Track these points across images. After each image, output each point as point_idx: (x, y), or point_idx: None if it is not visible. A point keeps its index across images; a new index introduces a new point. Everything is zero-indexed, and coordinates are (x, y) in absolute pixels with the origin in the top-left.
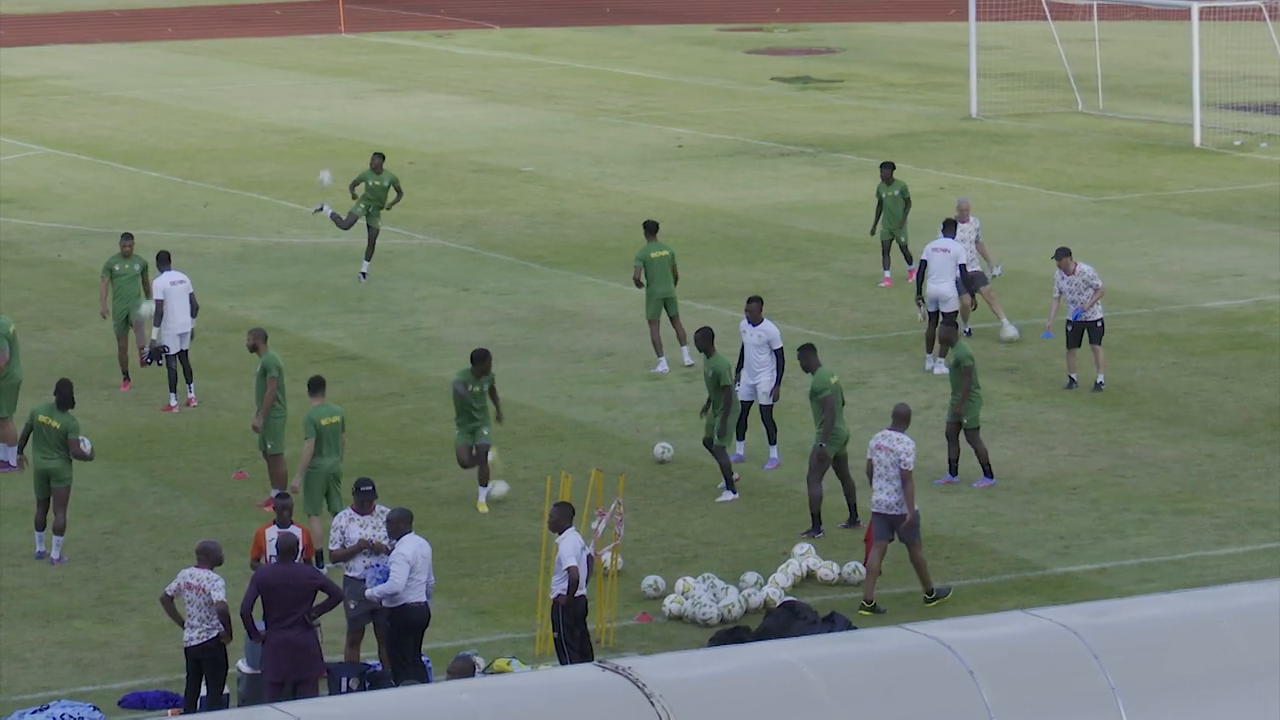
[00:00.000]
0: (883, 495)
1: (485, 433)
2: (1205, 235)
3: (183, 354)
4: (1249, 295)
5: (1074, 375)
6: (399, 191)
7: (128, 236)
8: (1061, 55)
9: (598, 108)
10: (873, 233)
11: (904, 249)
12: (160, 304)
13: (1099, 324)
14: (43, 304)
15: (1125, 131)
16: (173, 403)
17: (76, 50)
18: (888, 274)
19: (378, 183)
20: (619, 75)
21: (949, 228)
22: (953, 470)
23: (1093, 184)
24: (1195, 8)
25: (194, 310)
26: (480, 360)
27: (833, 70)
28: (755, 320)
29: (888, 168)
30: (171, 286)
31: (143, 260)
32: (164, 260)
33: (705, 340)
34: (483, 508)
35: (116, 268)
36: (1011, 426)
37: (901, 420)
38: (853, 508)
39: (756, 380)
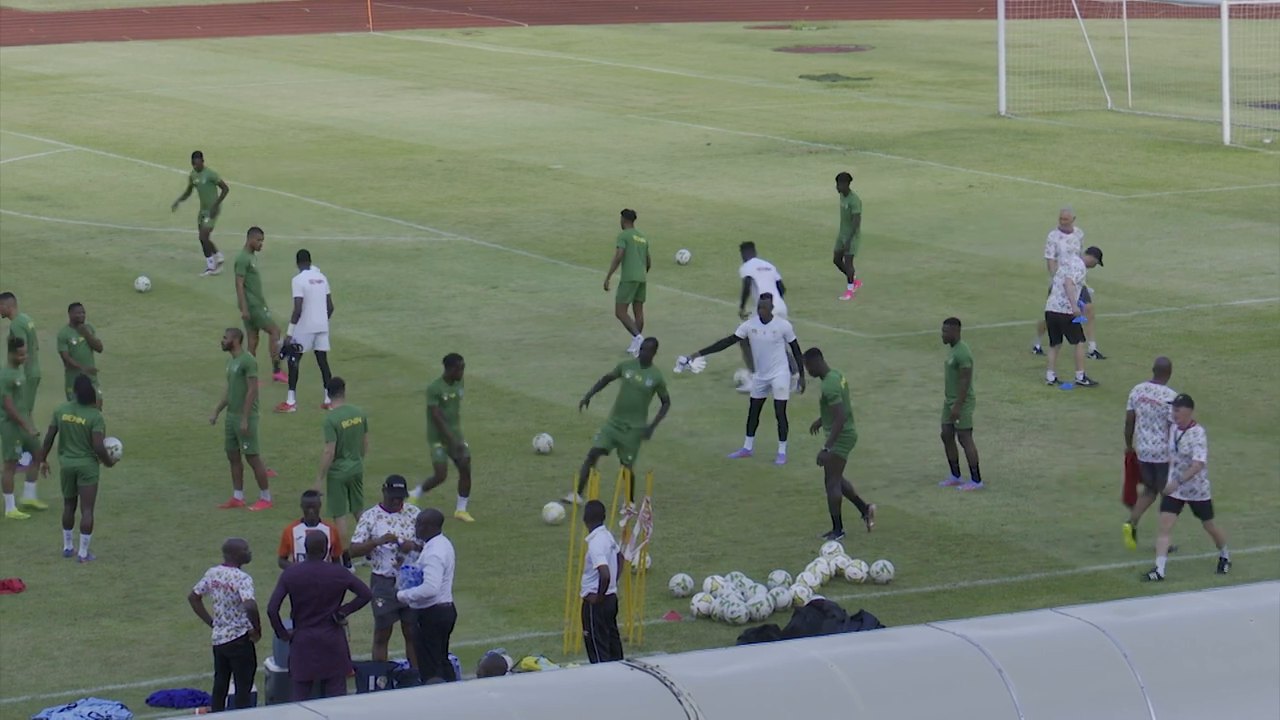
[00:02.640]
0: (1148, 445)
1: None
2: (1234, 233)
3: (321, 354)
4: (1279, 293)
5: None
6: (223, 188)
7: (256, 230)
8: (1091, 53)
9: (626, 106)
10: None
11: (848, 261)
12: (299, 301)
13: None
14: (71, 301)
15: (1154, 129)
16: (290, 401)
17: (106, 48)
18: (850, 286)
19: (199, 180)
20: (647, 73)
21: (749, 249)
22: (955, 471)
23: (1122, 182)
24: (1225, 5)
25: (329, 310)
26: (452, 364)
27: (861, 68)
28: (767, 318)
29: (844, 179)
30: (311, 285)
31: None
32: (304, 259)
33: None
34: (466, 517)
35: (253, 266)
36: (1041, 425)
37: (1163, 373)
38: (860, 504)
39: (771, 376)
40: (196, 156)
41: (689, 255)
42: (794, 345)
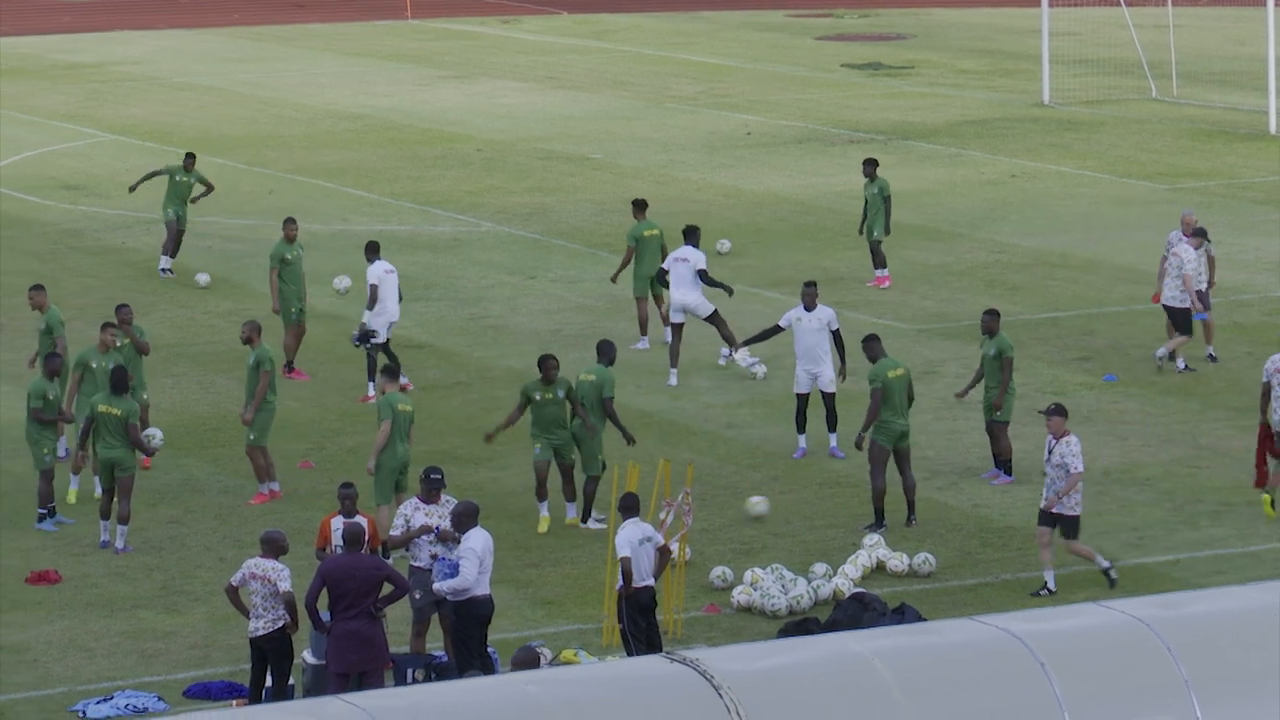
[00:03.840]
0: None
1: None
2: None
3: (386, 342)
4: None
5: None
6: (208, 186)
7: (291, 221)
8: (1135, 41)
9: (666, 94)
10: (860, 232)
11: (876, 247)
12: (374, 290)
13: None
14: (107, 291)
15: (1200, 119)
16: (370, 393)
17: (142, 36)
18: (879, 273)
19: (185, 179)
20: (687, 61)
21: (691, 235)
22: (998, 464)
23: (1166, 172)
24: None
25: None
26: (543, 366)
27: (904, 56)
28: (811, 306)
29: (871, 164)
30: (386, 275)
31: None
32: (374, 249)
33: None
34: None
35: (287, 255)
36: (1084, 416)
37: None
38: (910, 506)
39: (819, 369)
40: (189, 158)
41: (729, 245)
42: (837, 334)
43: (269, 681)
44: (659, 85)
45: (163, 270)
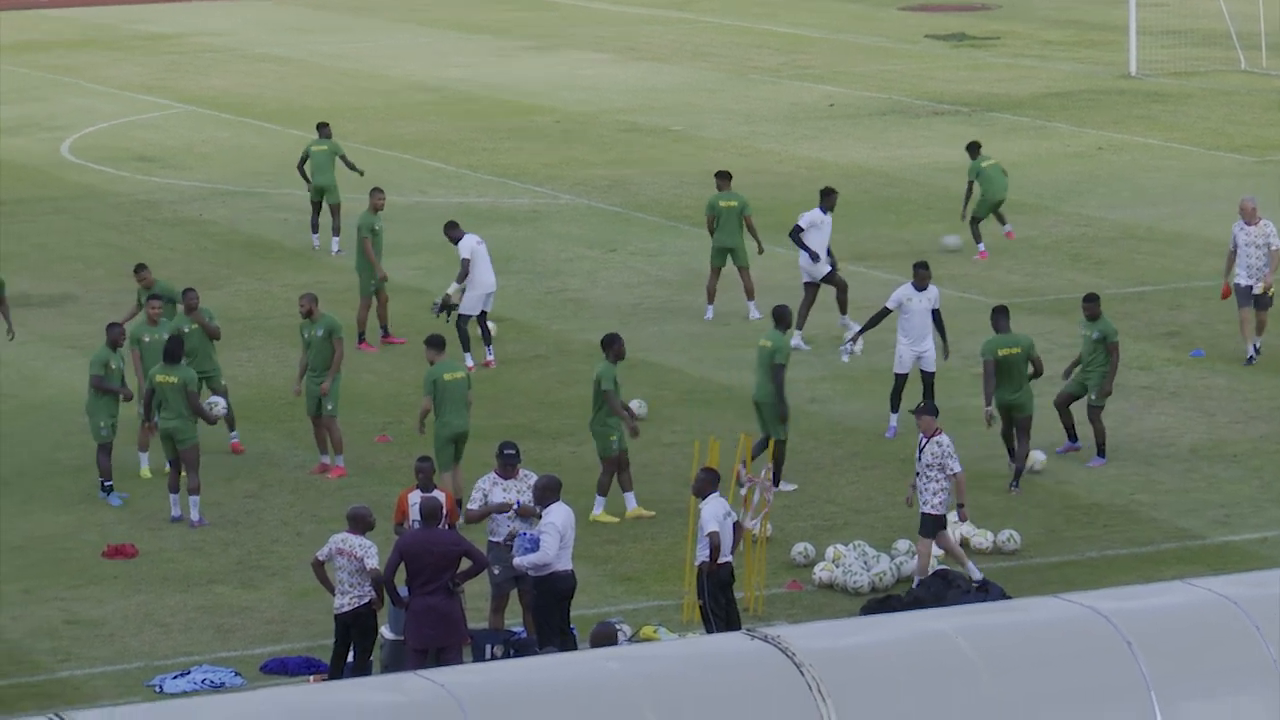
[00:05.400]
0: None
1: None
2: None
3: (483, 315)
4: None
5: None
6: (347, 162)
7: (378, 191)
8: (1224, 12)
9: (748, 66)
10: (963, 217)
11: (976, 224)
12: (466, 263)
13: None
14: (184, 264)
15: None
16: (469, 364)
17: (222, 7)
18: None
19: (320, 149)
20: (769, 32)
21: (824, 197)
22: (1071, 436)
23: (1255, 144)
24: None
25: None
26: (612, 344)
27: (989, 27)
28: (923, 286)
29: (975, 146)
30: (477, 246)
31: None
32: (455, 226)
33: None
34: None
35: (376, 225)
36: (1171, 392)
37: None
38: (1017, 473)
39: (923, 348)
40: (320, 128)
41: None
42: (938, 314)
43: (351, 657)
44: (741, 56)
45: (332, 251)
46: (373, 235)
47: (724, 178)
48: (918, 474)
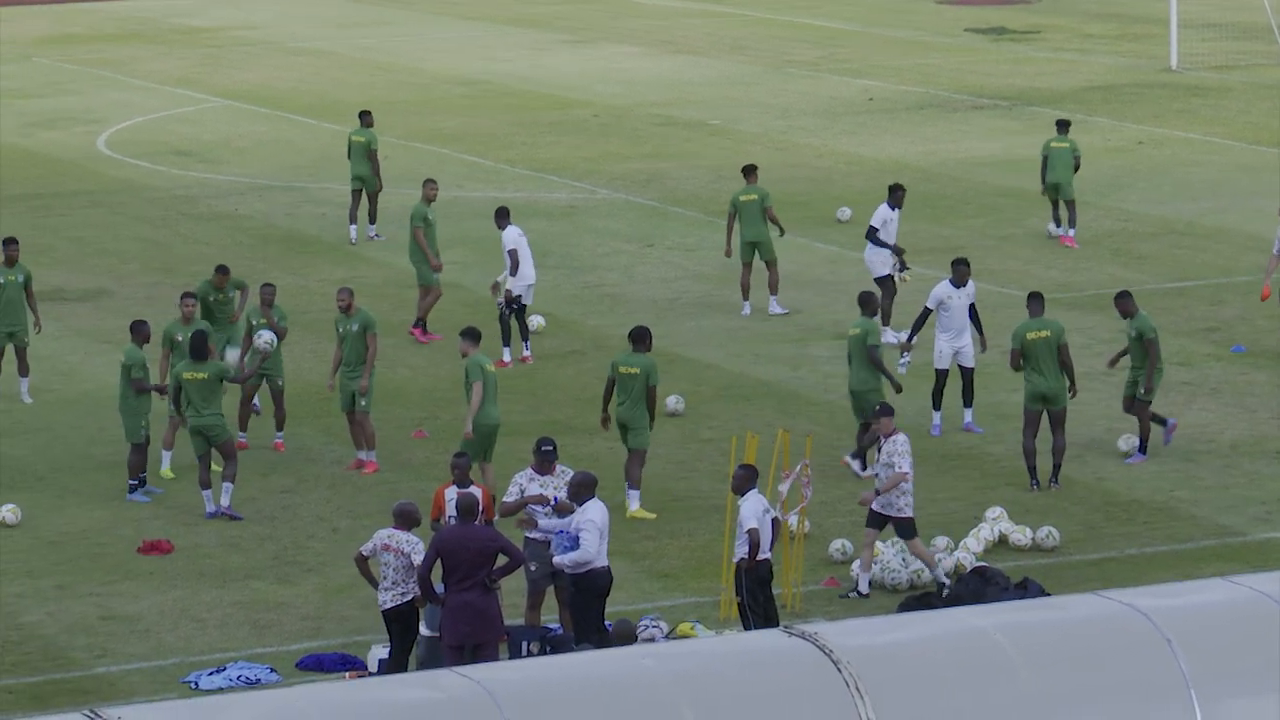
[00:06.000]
0: None
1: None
2: None
3: (523, 307)
4: None
5: None
6: (374, 158)
7: (431, 182)
8: (1265, 4)
9: (785, 59)
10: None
11: (1071, 206)
12: (513, 254)
13: None
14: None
15: None
16: (505, 358)
17: (259, 1)
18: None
19: (359, 139)
20: (807, 26)
21: (892, 193)
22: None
23: None
24: None
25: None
26: (642, 339)
27: (1029, 21)
28: (962, 282)
29: (1063, 125)
30: (520, 238)
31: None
32: (504, 214)
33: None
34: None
35: (429, 216)
36: (1211, 388)
37: None
38: (1055, 469)
39: (961, 344)
40: (362, 115)
41: (850, 213)
42: (973, 308)
43: (385, 653)
44: (778, 50)
45: (368, 236)
46: (425, 225)
47: (749, 172)
48: (877, 475)
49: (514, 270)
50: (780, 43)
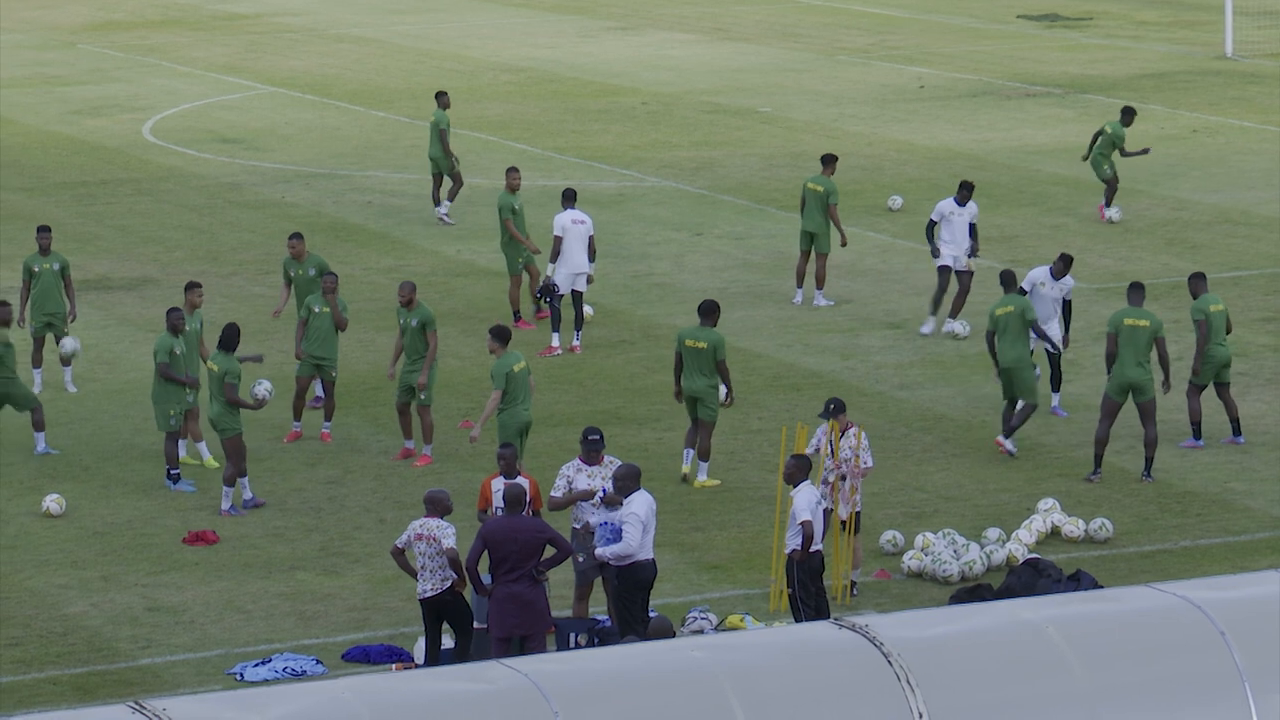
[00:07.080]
0: None
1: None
2: None
3: (577, 295)
4: None
5: None
6: (444, 140)
7: (514, 170)
8: None
9: (836, 46)
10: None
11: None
12: (558, 240)
13: None
14: (266, 246)
15: None
16: (555, 344)
17: None
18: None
19: (431, 119)
20: (858, 13)
21: (961, 189)
22: (1197, 434)
23: None
24: None
25: (592, 254)
26: (710, 313)
27: (1082, 7)
28: (1061, 274)
29: (1128, 112)
30: (572, 225)
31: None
32: (569, 197)
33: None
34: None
35: (515, 205)
36: (1267, 379)
37: None
38: (1148, 461)
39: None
40: (438, 96)
41: (901, 201)
42: (1068, 303)
43: (450, 642)
44: (829, 37)
45: (437, 216)
46: (513, 215)
47: (826, 162)
48: (835, 472)
49: (554, 257)
50: (831, 30)
